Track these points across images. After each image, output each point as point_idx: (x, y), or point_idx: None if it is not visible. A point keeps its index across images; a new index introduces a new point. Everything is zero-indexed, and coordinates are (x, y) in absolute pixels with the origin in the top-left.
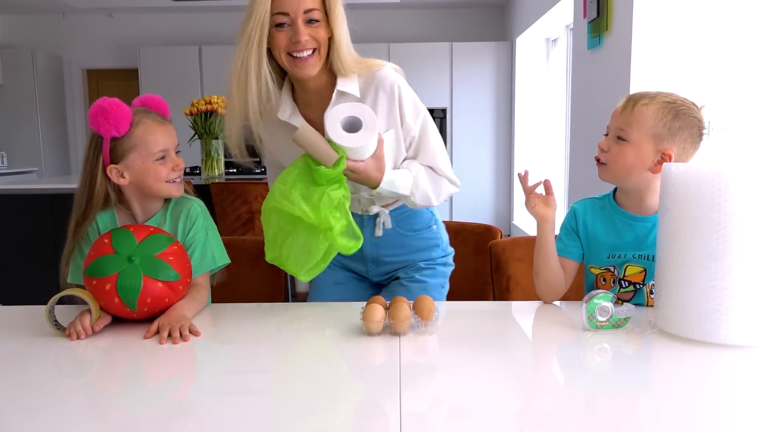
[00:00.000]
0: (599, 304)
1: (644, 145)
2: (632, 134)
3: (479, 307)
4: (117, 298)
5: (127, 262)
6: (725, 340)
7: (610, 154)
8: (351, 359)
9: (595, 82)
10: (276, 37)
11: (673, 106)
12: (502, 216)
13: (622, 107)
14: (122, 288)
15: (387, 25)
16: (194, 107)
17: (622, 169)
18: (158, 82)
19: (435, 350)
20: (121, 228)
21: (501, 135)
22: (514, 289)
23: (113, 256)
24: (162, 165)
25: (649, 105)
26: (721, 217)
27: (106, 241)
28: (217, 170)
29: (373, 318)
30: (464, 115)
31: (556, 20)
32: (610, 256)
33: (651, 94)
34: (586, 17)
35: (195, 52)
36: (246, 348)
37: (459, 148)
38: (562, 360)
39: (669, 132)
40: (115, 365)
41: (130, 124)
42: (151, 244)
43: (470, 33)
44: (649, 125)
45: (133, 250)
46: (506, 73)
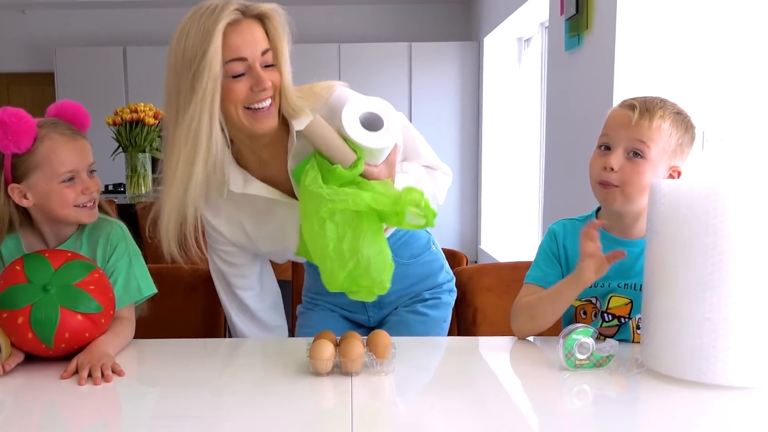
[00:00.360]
0: (578, 339)
1: (660, 163)
2: (653, 151)
3: (442, 343)
4: (31, 333)
5: (42, 291)
6: (722, 381)
7: (623, 174)
8: (296, 402)
9: (573, 86)
10: (232, 90)
11: (682, 117)
12: (468, 239)
13: (638, 117)
14: (37, 321)
15: (337, 23)
16: (118, 116)
17: (639, 191)
18: (77, 88)
19: (391, 392)
20: (34, 253)
21: (466, 147)
22: (481, 322)
23: (26, 285)
24: (69, 188)
25: (665, 117)
26: (716, 240)
27: (18, 268)
28: (144, 187)
29: (321, 356)
30: (425, 125)
31: (530, 18)
32: (592, 285)
33: (657, 102)
34: (564, 14)
35: (119, 53)
36: (176, 390)
37: None
38: (536, 404)
39: (680, 147)
40: (28, 410)
41: (33, 139)
42: (69, 272)
43: (432, 32)
44: (666, 140)
45: (48, 279)
46: (472, 77)
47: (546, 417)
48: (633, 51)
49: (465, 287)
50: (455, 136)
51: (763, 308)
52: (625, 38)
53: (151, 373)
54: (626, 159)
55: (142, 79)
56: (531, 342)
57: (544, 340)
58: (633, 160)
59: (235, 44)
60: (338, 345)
